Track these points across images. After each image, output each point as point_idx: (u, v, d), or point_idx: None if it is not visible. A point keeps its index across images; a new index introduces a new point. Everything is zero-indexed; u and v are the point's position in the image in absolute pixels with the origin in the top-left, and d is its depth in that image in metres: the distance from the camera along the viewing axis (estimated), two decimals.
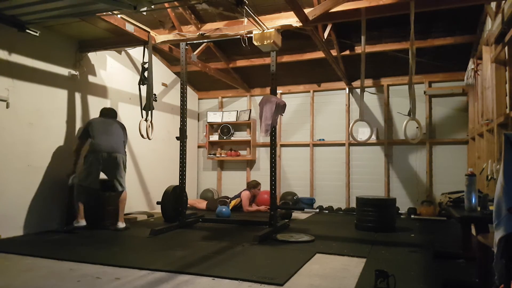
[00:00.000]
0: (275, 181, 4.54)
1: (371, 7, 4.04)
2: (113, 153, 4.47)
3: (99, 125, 4.56)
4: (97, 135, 4.48)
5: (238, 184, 7.37)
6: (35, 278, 2.70)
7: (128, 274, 2.78)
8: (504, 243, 1.58)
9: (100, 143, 4.44)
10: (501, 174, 1.60)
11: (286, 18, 4.40)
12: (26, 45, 4.33)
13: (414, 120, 3.96)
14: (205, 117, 7.81)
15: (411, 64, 3.89)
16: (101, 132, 4.51)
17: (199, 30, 4.86)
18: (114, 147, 4.51)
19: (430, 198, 6.18)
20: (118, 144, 4.57)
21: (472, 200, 2.66)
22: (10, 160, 4.15)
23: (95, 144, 4.43)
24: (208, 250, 3.52)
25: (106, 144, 4.46)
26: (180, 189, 4.96)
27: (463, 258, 3.23)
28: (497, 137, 3.63)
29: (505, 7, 3.35)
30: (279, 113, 4.44)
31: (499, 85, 3.66)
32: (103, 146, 4.43)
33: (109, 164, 4.47)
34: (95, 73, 5.31)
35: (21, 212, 4.23)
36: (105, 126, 4.58)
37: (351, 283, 2.60)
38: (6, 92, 4.12)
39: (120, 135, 4.64)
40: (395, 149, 6.54)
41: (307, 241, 3.96)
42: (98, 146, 4.42)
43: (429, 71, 6.21)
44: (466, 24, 5.00)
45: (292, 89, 7.23)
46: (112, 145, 4.50)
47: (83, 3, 3.49)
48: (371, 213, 4.71)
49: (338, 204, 6.68)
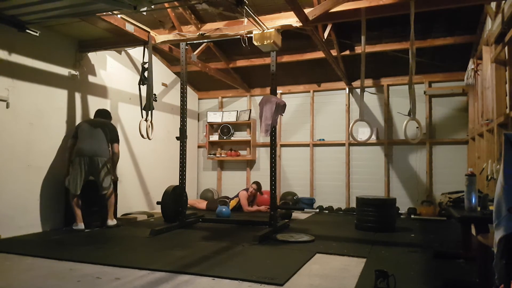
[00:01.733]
0: (275, 181, 4.54)
1: (371, 7, 4.04)
2: (95, 157, 4.59)
3: (85, 129, 4.67)
4: (82, 139, 4.61)
5: (238, 184, 7.37)
6: (35, 278, 2.70)
7: (128, 274, 2.78)
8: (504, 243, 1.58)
9: (84, 147, 4.56)
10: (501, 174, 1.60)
11: (286, 18, 4.40)
12: (26, 45, 4.33)
13: (414, 120, 3.95)
14: (205, 117, 7.81)
15: (411, 64, 3.89)
16: (85, 136, 4.62)
17: (199, 30, 4.86)
18: (97, 151, 4.61)
19: (430, 198, 6.18)
20: (101, 148, 4.66)
21: (472, 200, 2.66)
22: (10, 160, 4.15)
23: (79, 148, 4.57)
24: (208, 250, 3.52)
25: (89, 149, 4.57)
26: (180, 189, 4.96)
27: (463, 258, 3.23)
28: (497, 137, 3.63)
29: (505, 7, 3.35)
30: (279, 113, 4.44)
31: (499, 85, 3.67)
32: (86, 151, 4.55)
33: (92, 167, 4.58)
34: (95, 73, 5.31)
35: (21, 212, 4.22)
36: (91, 131, 4.68)
37: (351, 283, 2.59)
38: (6, 92, 4.12)
39: (103, 140, 4.72)
40: (395, 149, 6.54)
41: (307, 241, 3.96)
42: (81, 150, 4.55)
43: (429, 71, 6.21)
44: (466, 24, 5.00)
45: (292, 89, 7.23)
46: (95, 149, 4.60)
47: (83, 3, 3.49)
48: (371, 213, 4.71)
49: (338, 204, 6.68)
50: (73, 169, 4.52)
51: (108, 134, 4.77)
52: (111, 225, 4.71)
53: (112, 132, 4.85)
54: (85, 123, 4.76)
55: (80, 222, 4.48)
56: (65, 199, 4.64)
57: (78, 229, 4.44)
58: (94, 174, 4.61)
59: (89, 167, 4.55)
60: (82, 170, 4.51)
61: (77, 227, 4.45)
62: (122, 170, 5.40)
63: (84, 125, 4.71)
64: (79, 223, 4.47)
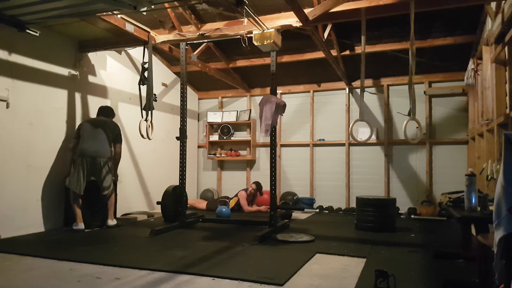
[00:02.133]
0: (275, 181, 4.54)
1: (371, 7, 4.04)
2: (97, 158, 4.60)
3: (87, 129, 4.67)
4: (84, 140, 4.60)
5: (238, 184, 7.37)
6: (35, 278, 2.70)
7: (128, 274, 2.78)
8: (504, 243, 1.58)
9: (86, 148, 4.56)
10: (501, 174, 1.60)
11: (286, 18, 4.40)
12: (26, 45, 4.33)
13: (414, 120, 3.95)
14: (205, 117, 7.81)
15: (411, 64, 3.89)
16: (87, 137, 4.62)
17: (199, 30, 4.86)
18: (99, 152, 4.62)
19: (430, 198, 6.18)
20: (103, 149, 4.67)
21: (472, 200, 2.66)
22: (10, 160, 4.15)
23: (81, 149, 4.57)
24: (208, 250, 3.52)
25: (91, 149, 4.58)
26: (180, 189, 4.96)
27: (463, 258, 3.23)
28: (497, 137, 3.63)
29: (505, 7, 3.35)
30: (279, 113, 4.44)
31: (499, 85, 3.66)
32: (88, 151, 4.56)
33: (94, 168, 4.59)
34: (95, 73, 5.31)
35: (21, 212, 4.22)
36: (93, 131, 4.67)
37: (351, 283, 2.59)
38: (6, 92, 4.12)
39: (105, 140, 4.72)
40: (395, 149, 6.54)
41: (307, 241, 3.96)
42: (83, 151, 4.56)
43: (429, 71, 6.21)
44: (466, 24, 5.00)
45: (292, 89, 7.23)
46: (97, 149, 4.61)
47: (83, 3, 3.49)
48: (371, 213, 4.71)
49: (338, 204, 6.68)
50: (75, 170, 4.52)
51: (110, 134, 4.77)
52: (111, 225, 4.72)
53: (115, 132, 4.84)
54: (87, 123, 4.75)
55: (80, 222, 4.48)
56: (65, 199, 4.64)
57: (78, 229, 4.44)
58: (95, 174, 4.61)
59: (91, 167, 4.56)
60: (84, 171, 4.52)
61: (77, 227, 4.45)
62: (122, 170, 5.39)
63: (86, 125, 4.71)
64: (79, 223, 4.48)
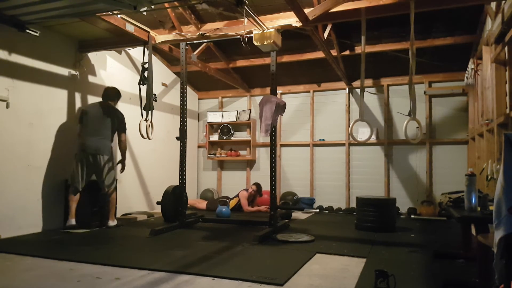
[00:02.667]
0: (275, 181, 4.54)
1: (371, 7, 4.04)
2: (98, 155, 4.57)
3: (90, 119, 4.61)
4: (85, 133, 4.58)
5: (238, 184, 7.37)
6: (35, 278, 2.70)
7: (128, 274, 2.78)
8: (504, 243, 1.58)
9: (88, 144, 4.54)
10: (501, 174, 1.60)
11: (286, 18, 4.40)
12: (26, 45, 4.33)
13: (414, 120, 3.95)
14: (205, 117, 7.81)
15: (411, 64, 3.89)
16: (90, 131, 4.58)
17: (199, 30, 4.86)
18: (100, 148, 4.59)
19: (430, 198, 6.18)
20: (104, 146, 4.63)
21: (472, 200, 2.66)
22: (10, 160, 4.14)
23: (82, 144, 4.55)
24: (208, 250, 3.52)
25: (92, 146, 4.55)
26: (180, 189, 4.96)
27: (463, 258, 3.23)
28: (497, 137, 3.63)
29: (505, 7, 3.35)
30: (279, 113, 4.44)
31: (499, 85, 3.67)
32: (89, 148, 4.54)
33: (95, 165, 4.57)
34: (95, 73, 5.31)
35: (21, 212, 4.22)
36: (95, 123, 4.61)
37: (351, 283, 2.59)
38: (6, 92, 4.12)
39: (107, 136, 4.67)
40: (395, 149, 6.54)
41: (307, 241, 3.96)
42: (84, 147, 4.55)
43: (429, 71, 6.21)
44: (466, 24, 5.00)
45: (292, 89, 7.23)
46: (98, 146, 4.58)
47: (83, 3, 3.49)
48: (371, 213, 4.71)
49: (338, 204, 6.68)
50: (76, 165, 4.51)
51: (114, 125, 4.74)
52: (112, 225, 4.71)
53: (119, 121, 4.80)
54: (92, 110, 4.68)
55: (71, 218, 4.44)
56: (65, 199, 4.64)
57: (70, 225, 4.41)
58: (96, 172, 4.59)
59: (92, 165, 4.54)
60: (84, 168, 4.51)
61: (70, 223, 4.42)
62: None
63: (90, 113, 4.64)
64: (71, 219, 4.44)
